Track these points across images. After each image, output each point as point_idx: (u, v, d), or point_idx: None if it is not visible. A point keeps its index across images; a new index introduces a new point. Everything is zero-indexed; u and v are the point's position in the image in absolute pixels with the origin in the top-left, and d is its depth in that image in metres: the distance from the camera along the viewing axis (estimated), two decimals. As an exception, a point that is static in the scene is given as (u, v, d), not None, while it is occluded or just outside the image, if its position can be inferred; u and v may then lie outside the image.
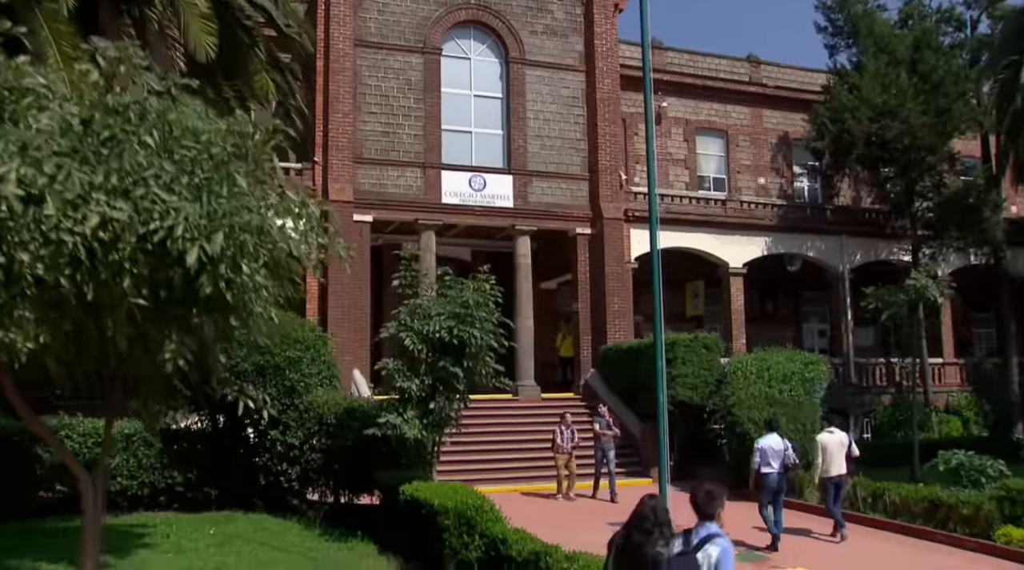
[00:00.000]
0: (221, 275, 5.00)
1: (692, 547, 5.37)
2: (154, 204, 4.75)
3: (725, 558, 5.34)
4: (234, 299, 5.28)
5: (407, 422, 12.43)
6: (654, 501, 5.62)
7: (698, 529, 5.50)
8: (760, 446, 13.26)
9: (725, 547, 5.40)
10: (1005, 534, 12.21)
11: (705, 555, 5.33)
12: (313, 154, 21.48)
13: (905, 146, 23.01)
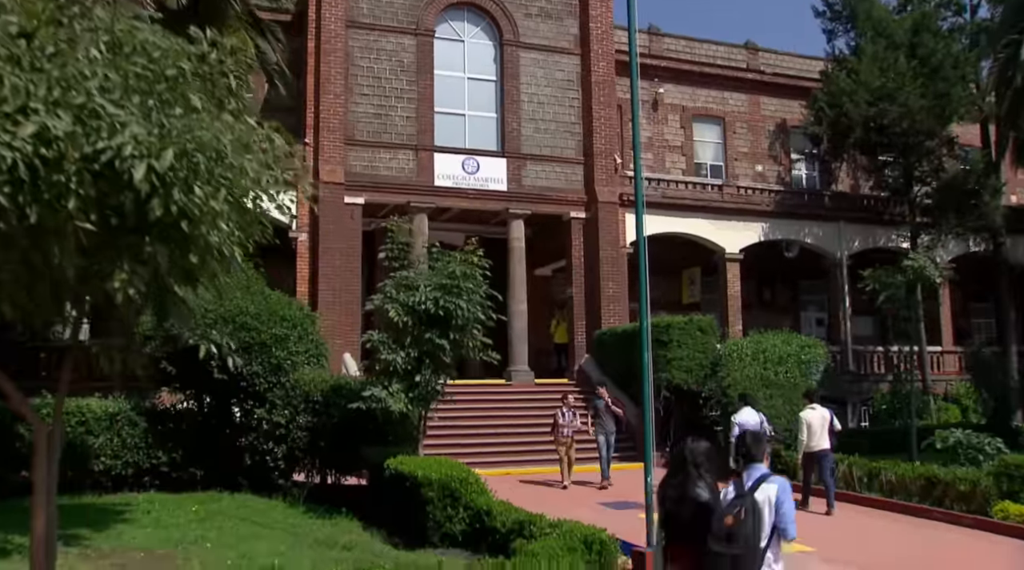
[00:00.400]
0: (173, 198, 4.74)
1: (748, 489, 5.36)
2: (99, 119, 4.49)
3: (784, 494, 5.40)
4: (190, 228, 5.01)
5: (392, 395, 12.19)
6: (690, 443, 5.64)
7: (750, 472, 5.52)
8: (736, 420, 14.01)
9: (783, 484, 5.46)
10: (1002, 510, 11.96)
11: (764, 494, 5.36)
12: (304, 135, 21.21)
13: (903, 130, 22.73)
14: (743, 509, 5.26)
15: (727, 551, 5.15)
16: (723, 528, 5.21)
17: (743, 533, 5.21)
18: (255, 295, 15.70)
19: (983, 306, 30.84)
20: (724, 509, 5.29)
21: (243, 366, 14.72)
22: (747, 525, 5.22)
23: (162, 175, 4.74)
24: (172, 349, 14.85)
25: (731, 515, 5.25)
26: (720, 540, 5.18)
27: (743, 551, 5.19)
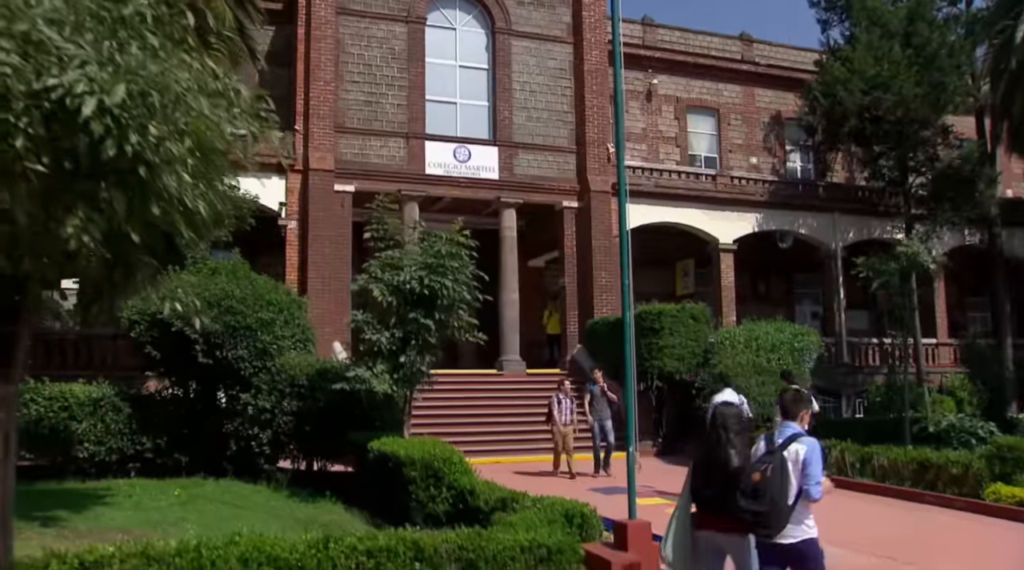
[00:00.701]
0: (128, 140, 4.56)
1: (778, 446, 5.34)
2: (48, 54, 4.31)
3: (813, 455, 5.31)
4: (148, 174, 4.82)
5: (376, 376, 12.02)
6: (721, 408, 5.93)
7: (782, 429, 5.50)
8: (716, 400, 13.49)
9: (812, 444, 5.38)
10: (994, 492, 11.82)
11: (792, 452, 5.30)
12: (294, 123, 21.04)
13: (898, 118, 22.57)
14: (771, 466, 5.24)
15: (751, 507, 5.17)
16: (750, 484, 5.23)
17: (769, 490, 5.17)
18: (241, 279, 15.57)
19: (979, 300, 30.70)
20: (753, 465, 5.31)
21: (228, 350, 14.61)
22: (774, 483, 5.18)
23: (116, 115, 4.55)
24: (157, 334, 14.74)
25: (758, 472, 5.25)
26: (746, 496, 5.21)
27: (768, 508, 5.16)
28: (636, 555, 7.01)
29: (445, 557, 6.39)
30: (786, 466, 5.26)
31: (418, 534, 6.53)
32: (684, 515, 5.76)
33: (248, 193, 18.89)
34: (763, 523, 5.23)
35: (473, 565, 6.43)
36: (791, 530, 5.23)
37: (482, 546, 6.48)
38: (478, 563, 6.43)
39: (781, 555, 5.29)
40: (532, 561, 6.56)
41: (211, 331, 14.44)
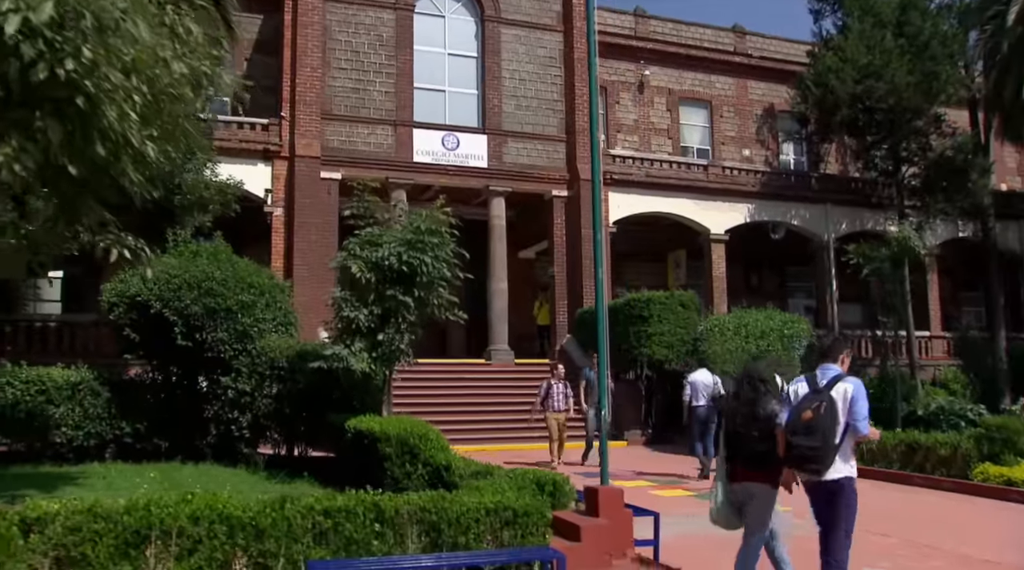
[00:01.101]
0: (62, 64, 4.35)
1: (824, 386, 5.62)
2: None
3: (859, 393, 5.58)
4: (88, 106, 4.62)
5: (355, 354, 11.80)
6: (752, 365, 6.40)
7: (823, 371, 5.76)
8: (690, 380, 14.34)
9: (858, 384, 5.65)
10: (982, 471, 11.63)
11: (840, 391, 5.57)
12: (280, 109, 20.84)
13: (890, 107, 22.39)
14: (821, 404, 5.53)
15: (807, 443, 5.46)
16: (800, 423, 5.52)
17: (822, 427, 5.46)
18: (223, 262, 15.36)
19: (974, 295, 30.52)
20: (801, 404, 5.60)
21: (208, 332, 14.41)
22: (824, 420, 5.47)
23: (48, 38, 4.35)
24: (136, 316, 14.54)
25: (809, 410, 5.53)
26: (799, 434, 5.51)
27: (820, 443, 5.45)
28: (607, 520, 6.80)
29: (406, 519, 6.19)
30: (835, 404, 5.52)
31: (380, 496, 6.31)
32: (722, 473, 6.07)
33: (232, 178, 18.85)
34: (815, 459, 5.48)
35: (435, 527, 6.22)
36: (837, 466, 5.51)
37: (445, 508, 6.27)
38: (440, 525, 6.22)
39: (826, 492, 5.57)
40: (497, 524, 6.35)
41: (190, 313, 14.26)
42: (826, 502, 5.61)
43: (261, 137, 20.59)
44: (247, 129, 20.67)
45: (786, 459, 5.65)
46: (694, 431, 14.01)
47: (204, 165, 18.74)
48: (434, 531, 6.20)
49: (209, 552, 5.65)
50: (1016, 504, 10.76)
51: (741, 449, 5.92)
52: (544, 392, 15.42)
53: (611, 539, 6.65)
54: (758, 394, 5.94)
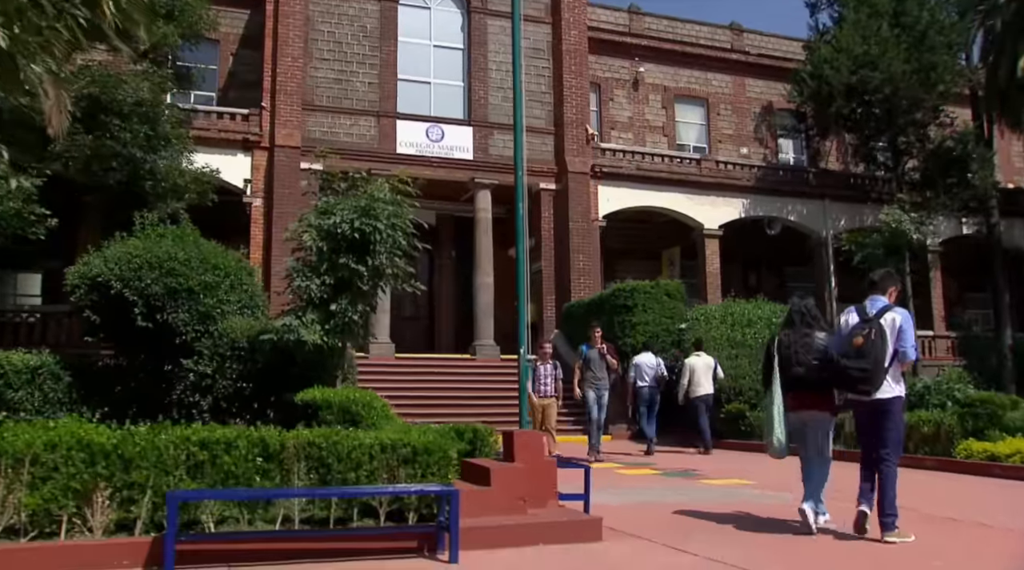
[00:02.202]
0: None
1: (875, 315, 6.19)
2: None
3: (907, 321, 6.19)
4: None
5: (305, 325, 11.33)
6: (799, 301, 6.95)
7: (873, 301, 6.34)
8: (635, 362, 14.80)
9: (905, 313, 6.25)
10: (966, 448, 11.00)
11: (888, 320, 6.14)
12: (261, 100, 20.57)
13: (886, 97, 21.81)
14: (872, 330, 6.10)
15: (858, 365, 6.03)
16: (852, 348, 6.11)
17: (873, 351, 6.04)
18: (188, 244, 15.02)
19: (981, 296, 29.69)
20: (852, 331, 6.17)
21: (169, 313, 14.02)
22: (876, 345, 6.02)
23: None
24: (97, 298, 14.19)
25: (860, 336, 6.11)
26: (850, 357, 6.07)
27: (872, 366, 6.01)
28: (523, 465, 6.26)
29: (293, 453, 5.69)
30: (884, 331, 6.09)
31: (267, 430, 5.82)
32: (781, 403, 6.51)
33: (208, 167, 18.55)
34: (866, 380, 6.07)
35: (323, 463, 5.72)
36: (886, 387, 6.11)
37: (336, 442, 5.78)
38: (329, 460, 5.72)
39: (875, 411, 6.21)
40: (395, 461, 5.84)
41: (151, 293, 13.90)
42: (876, 418, 6.20)
43: (241, 127, 20.31)
44: (227, 119, 20.40)
45: (838, 379, 6.25)
46: (639, 410, 14.60)
47: (180, 153, 18.52)
48: (323, 467, 5.70)
49: (65, 481, 5.17)
50: (999, 479, 10.12)
51: (801, 379, 6.44)
52: (530, 375, 12.87)
53: (526, 485, 6.11)
54: (812, 326, 6.60)
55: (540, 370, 13.21)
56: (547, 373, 13.20)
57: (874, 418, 6.23)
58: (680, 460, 13.44)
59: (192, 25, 18.38)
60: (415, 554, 5.53)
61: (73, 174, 16.62)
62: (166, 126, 17.45)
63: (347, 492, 5.54)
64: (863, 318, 6.27)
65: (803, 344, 6.53)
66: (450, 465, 5.94)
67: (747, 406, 15.42)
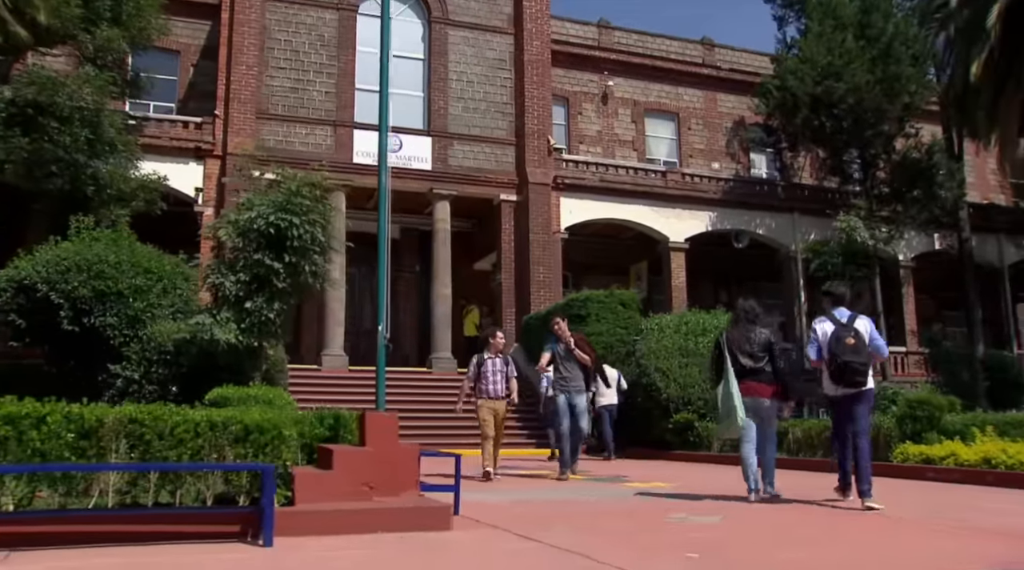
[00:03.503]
0: None
1: (848, 321, 7.24)
2: None
3: (872, 325, 7.36)
4: None
5: (220, 324, 10.96)
6: (747, 301, 8.24)
7: (839, 312, 7.38)
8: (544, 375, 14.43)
9: (870, 319, 7.41)
10: (902, 452, 10.55)
11: (862, 324, 7.25)
12: (215, 108, 20.30)
13: (850, 107, 21.56)
14: (856, 333, 7.12)
15: (859, 359, 7.05)
16: (847, 347, 7.06)
17: (864, 349, 7.10)
18: (122, 248, 14.68)
19: (956, 314, 29.28)
20: (840, 334, 7.11)
21: (96, 317, 13.70)
22: (863, 344, 7.11)
23: None
24: (24, 301, 13.84)
25: (850, 337, 7.10)
26: (849, 354, 7.03)
27: (866, 360, 7.12)
28: (372, 449, 5.84)
29: (111, 429, 5.27)
30: (862, 333, 7.16)
31: (86, 406, 5.42)
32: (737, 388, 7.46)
33: (155, 174, 18.21)
34: (863, 372, 7.08)
35: (143, 440, 5.30)
36: (868, 378, 7.19)
37: (159, 418, 5.36)
38: (149, 437, 5.30)
39: (858, 399, 7.21)
40: (223, 439, 5.43)
41: (77, 296, 13.56)
42: (859, 406, 7.21)
43: (194, 135, 20.03)
44: (180, 127, 20.13)
45: (837, 375, 7.11)
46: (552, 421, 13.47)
47: (128, 160, 18.20)
48: (143, 444, 5.29)
49: None
50: (932, 482, 9.67)
51: (750, 369, 7.57)
52: (474, 371, 10.70)
53: (373, 471, 5.67)
54: (754, 323, 7.87)
55: (488, 365, 10.64)
56: (496, 369, 10.61)
57: (857, 405, 7.22)
58: (619, 467, 13.02)
59: (141, 30, 18.16)
60: (237, 539, 5.10)
61: (11, 177, 16.29)
62: (110, 131, 17.12)
63: (146, 467, 5.13)
64: (839, 324, 7.22)
65: (748, 338, 7.70)
66: (285, 445, 5.53)
67: (696, 416, 14.97)
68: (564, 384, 10.83)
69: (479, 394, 10.64)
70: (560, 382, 10.88)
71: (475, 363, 10.80)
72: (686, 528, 5.78)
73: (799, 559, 4.55)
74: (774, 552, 4.79)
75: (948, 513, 6.89)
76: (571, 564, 4.41)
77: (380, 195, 6.92)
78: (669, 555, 4.66)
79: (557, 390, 10.94)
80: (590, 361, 10.90)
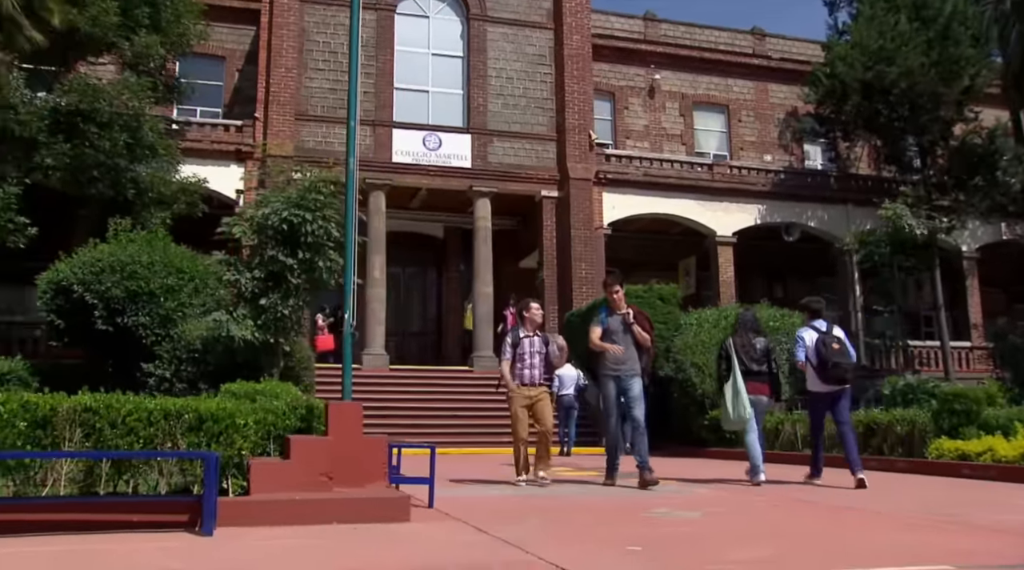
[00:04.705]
0: None
1: (828, 330, 8.62)
2: None
3: (845, 333, 8.84)
4: None
5: (236, 321, 11.00)
6: (747, 312, 9.71)
7: (818, 323, 8.76)
8: (558, 373, 15.39)
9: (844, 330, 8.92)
10: (937, 448, 9.98)
11: (841, 333, 8.70)
12: (255, 111, 20.57)
13: (902, 91, 20.67)
14: (838, 339, 8.46)
15: (847, 362, 8.38)
16: (834, 351, 8.30)
17: (846, 352, 8.43)
18: (156, 248, 14.94)
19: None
20: (826, 340, 8.37)
21: (129, 316, 13.95)
22: (845, 348, 8.45)
23: None
24: (62, 302, 14.19)
25: (836, 342, 8.40)
26: (837, 357, 8.28)
27: (849, 361, 8.41)
28: (333, 439, 5.69)
29: (65, 418, 5.24)
30: (843, 340, 8.51)
31: (41, 395, 5.41)
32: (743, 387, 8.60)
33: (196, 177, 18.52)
34: (849, 371, 8.42)
35: (96, 429, 5.25)
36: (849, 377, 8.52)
37: (111, 406, 5.31)
38: (100, 426, 5.25)
39: (841, 395, 8.56)
40: (178, 428, 5.35)
41: (111, 296, 13.82)
42: (842, 401, 8.57)
43: (235, 138, 20.33)
44: (220, 130, 20.47)
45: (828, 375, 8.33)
46: (560, 416, 15.20)
47: (169, 163, 18.55)
48: (96, 432, 5.24)
49: None
50: (964, 480, 9.10)
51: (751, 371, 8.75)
52: (511, 352, 8.55)
53: (335, 462, 5.53)
54: (757, 334, 9.17)
55: (525, 345, 8.47)
56: (534, 349, 8.46)
57: (841, 400, 8.58)
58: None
59: (180, 36, 18.49)
60: (185, 528, 5.00)
61: (56, 183, 16.74)
62: (150, 136, 17.46)
63: (92, 455, 5.08)
64: (821, 332, 8.52)
65: (750, 346, 8.94)
66: (239, 434, 5.42)
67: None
68: (615, 367, 8.26)
69: (514, 379, 8.46)
70: (611, 364, 8.28)
71: (509, 342, 8.59)
72: (658, 523, 5.49)
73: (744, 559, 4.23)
74: (727, 550, 4.47)
75: (944, 509, 6.40)
76: (500, 556, 4.19)
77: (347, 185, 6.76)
78: (612, 549, 4.39)
79: (605, 374, 8.38)
80: (649, 341, 8.53)
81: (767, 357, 9.02)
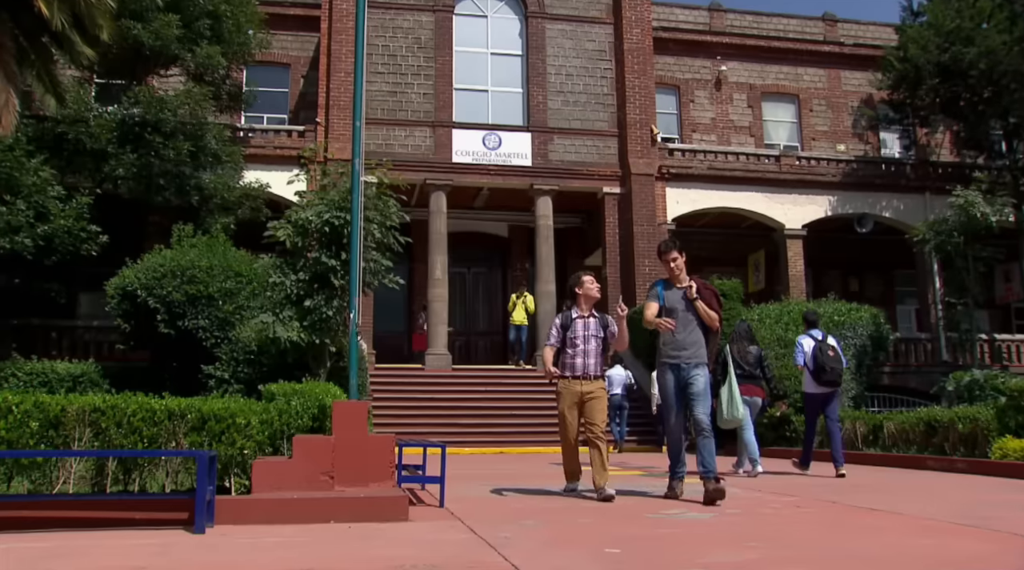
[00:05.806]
0: None
1: (823, 339, 9.94)
2: None
3: (838, 343, 10.29)
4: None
5: (283, 323, 11.17)
6: (743, 323, 10.82)
7: (815, 332, 10.11)
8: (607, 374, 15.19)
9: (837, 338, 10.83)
10: (1001, 447, 9.43)
11: (834, 342, 10.00)
12: (316, 115, 20.94)
13: (983, 72, 19.69)
14: (833, 346, 9.79)
15: (839, 367, 9.72)
16: (830, 357, 9.68)
17: (840, 358, 9.78)
18: (216, 253, 15.35)
19: None
20: (823, 346, 9.73)
21: (189, 320, 14.37)
22: (838, 355, 9.77)
23: None
24: (128, 307, 14.70)
25: (832, 349, 9.74)
26: (832, 363, 9.64)
27: (842, 367, 9.78)
28: (336, 438, 5.69)
29: (74, 419, 5.38)
30: (837, 348, 9.87)
31: (50, 396, 5.57)
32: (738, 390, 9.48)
33: (258, 182, 18.96)
34: (840, 374, 9.78)
35: (103, 428, 5.38)
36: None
37: (117, 407, 5.42)
38: (107, 425, 5.37)
39: (833, 395, 9.93)
40: (180, 428, 5.44)
41: (172, 300, 14.26)
42: (834, 400, 9.93)
43: (297, 143, 20.71)
44: (283, 136, 20.90)
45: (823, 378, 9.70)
46: (610, 415, 15.33)
47: (233, 170, 19.06)
48: (103, 433, 5.37)
49: None
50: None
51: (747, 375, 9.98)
52: (558, 336, 7.21)
53: (339, 461, 5.53)
54: (752, 343, 10.46)
55: (578, 328, 7.11)
56: (589, 333, 7.10)
57: (833, 400, 9.95)
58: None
59: (241, 46, 18.95)
60: (182, 526, 5.08)
61: (124, 193, 17.36)
62: (213, 143, 17.96)
63: (93, 453, 5.19)
64: (818, 340, 9.87)
65: (746, 353, 10.21)
66: (240, 433, 5.48)
67: (792, 410, 14.05)
68: (675, 354, 6.76)
69: (561, 370, 7.09)
70: (669, 349, 6.79)
71: (558, 324, 7.21)
72: (659, 524, 5.30)
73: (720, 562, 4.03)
74: (710, 553, 4.28)
75: (978, 511, 5.98)
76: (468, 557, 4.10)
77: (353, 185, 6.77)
78: (587, 551, 4.25)
79: (663, 362, 6.89)
80: (717, 320, 6.87)
81: (760, 363, 10.29)
